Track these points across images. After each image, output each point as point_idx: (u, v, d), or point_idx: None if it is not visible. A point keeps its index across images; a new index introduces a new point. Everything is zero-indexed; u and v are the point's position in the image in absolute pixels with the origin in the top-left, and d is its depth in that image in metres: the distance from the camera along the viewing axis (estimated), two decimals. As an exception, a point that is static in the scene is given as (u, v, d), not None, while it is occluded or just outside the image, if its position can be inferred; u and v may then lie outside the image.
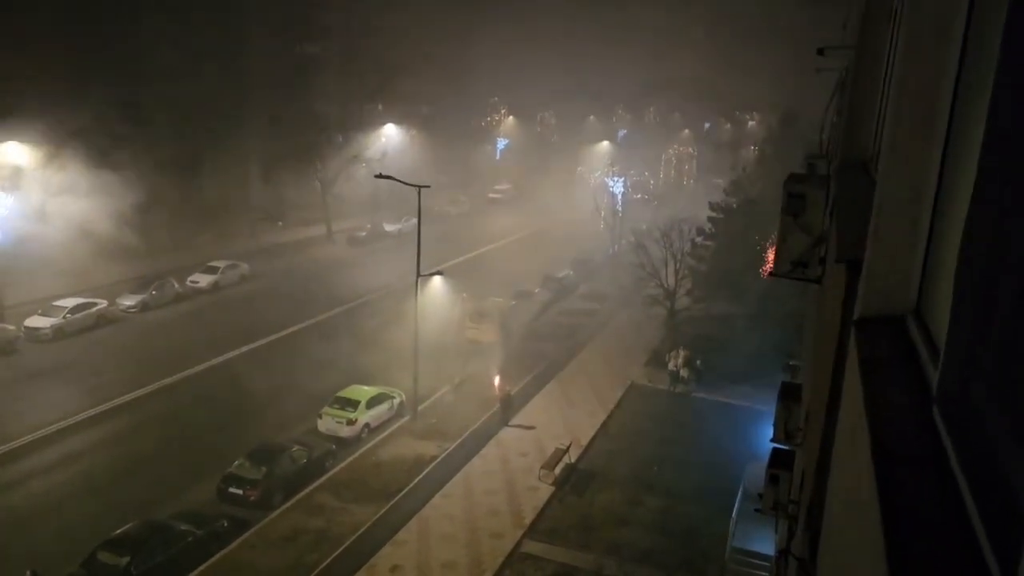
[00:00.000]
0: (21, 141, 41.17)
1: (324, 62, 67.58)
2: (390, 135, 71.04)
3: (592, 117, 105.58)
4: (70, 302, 39.63)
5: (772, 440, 13.50)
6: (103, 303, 40.98)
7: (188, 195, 56.63)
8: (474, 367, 35.82)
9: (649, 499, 26.26)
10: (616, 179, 65.26)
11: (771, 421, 13.98)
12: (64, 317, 38.54)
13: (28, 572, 18.49)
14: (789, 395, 13.60)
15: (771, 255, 20.83)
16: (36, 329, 37.63)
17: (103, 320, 40.48)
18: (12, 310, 38.87)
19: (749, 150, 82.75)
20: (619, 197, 64.15)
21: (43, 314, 38.55)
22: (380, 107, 72.43)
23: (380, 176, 33.27)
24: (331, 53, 68.28)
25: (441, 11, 78.17)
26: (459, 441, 29.52)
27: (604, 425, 31.95)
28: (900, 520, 2.14)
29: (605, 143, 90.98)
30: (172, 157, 53.92)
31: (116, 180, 44.23)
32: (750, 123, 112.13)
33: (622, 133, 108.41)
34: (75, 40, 48.61)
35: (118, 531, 20.99)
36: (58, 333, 37.90)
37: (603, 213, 61.13)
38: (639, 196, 74.56)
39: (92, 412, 30.36)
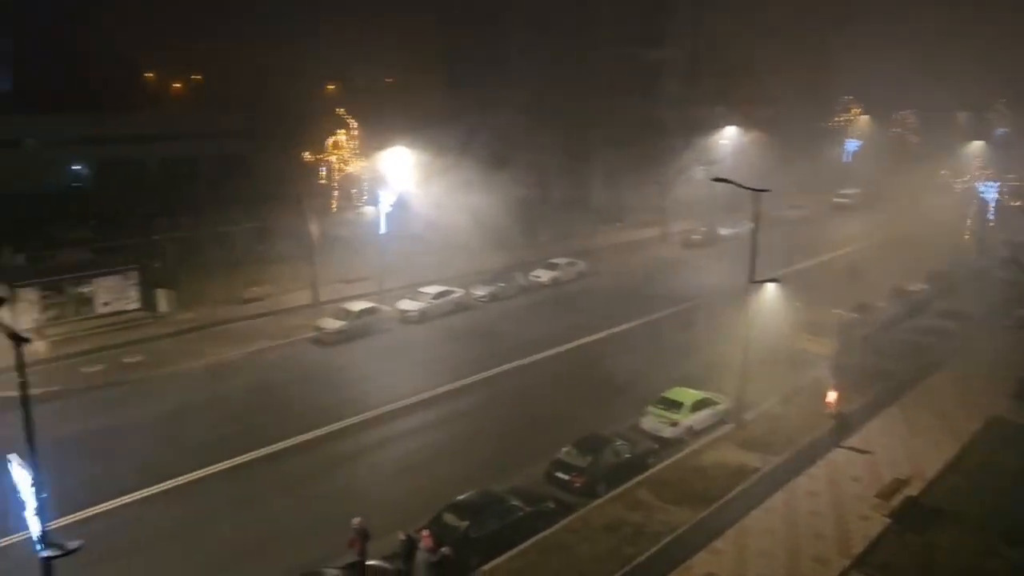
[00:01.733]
0: (410, 147, 47.24)
1: (669, 67, 68.45)
2: (731, 137, 69.88)
3: (962, 114, 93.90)
4: (433, 289, 45.23)
5: None
6: (460, 291, 46.12)
7: (536, 196, 61.05)
8: (806, 380, 34.13)
9: (1010, 552, 23.05)
10: (989, 184, 57.55)
11: None
12: (428, 302, 44.10)
13: (401, 534, 21.22)
14: None
15: None
16: (406, 311, 43.49)
17: (459, 306, 45.49)
18: (387, 294, 45.16)
19: None
20: (991, 204, 56.53)
21: (412, 299, 44.41)
22: (722, 109, 71.57)
23: (717, 179, 33.05)
24: (676, 58, 68.91)
25: (790, 10, 74.95)
26: (785, 456, 28.40)
27: (955, 459, 28.54)
28: None
29: (978, 143, 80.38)
30: (523, 161, 58.48)
31: (478, 184, 49.13)
32: None
33: (1000, 132, 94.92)
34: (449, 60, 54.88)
35: (460, 497, 23.46)
36: (423, 316, 43.48)
37: (969, 222, 54.33)
38: (1018, 203, 64.90)
39: (449, 387, 34.35)
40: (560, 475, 26.01)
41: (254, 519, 24.16)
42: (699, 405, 30.49)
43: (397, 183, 45.62)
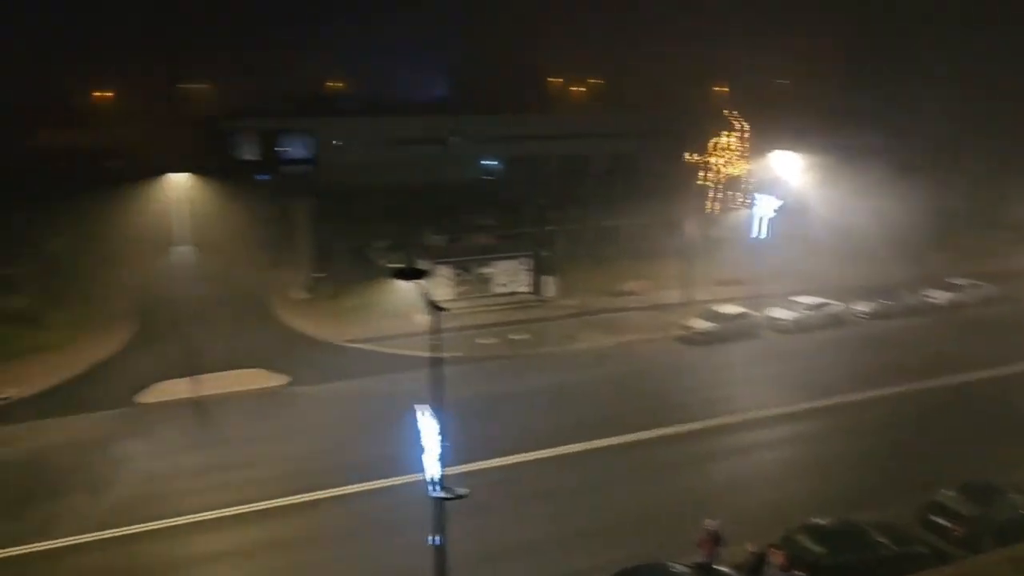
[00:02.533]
0: (800, 151, 45.67)
1: None
2: None
3: None
4: (809, 300, 43.41)
5: None
6: (839, 305, 43.61)
7: (929, 208, 55.07)
8: None
9: None
10: None
11: None
12: (802, 312, 42.41)
13: (751, 546, 20.76)
14: None
15: None
16: (778, 320, 42.26)
17: (835, 321, 43.06)
18: (761, 299, 44.17)
19: None
20: None
21: (785, 307, 43.01)
22: None
23: None
24: None
25: None
26: None
27: None
28: None
29: None
30: (928, 168, 52.99)
31: (873, 191, 45.78)
32: None
33: None
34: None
35: (819, 520, 22.20)
36: (795, 326, 41.93)
37: None
38: None
39: (814, 404, 32.76)
40: (937, 519, 23.45)
41: (610, 499, 25.54)
42: None
43: (781, 187, 44.44)
